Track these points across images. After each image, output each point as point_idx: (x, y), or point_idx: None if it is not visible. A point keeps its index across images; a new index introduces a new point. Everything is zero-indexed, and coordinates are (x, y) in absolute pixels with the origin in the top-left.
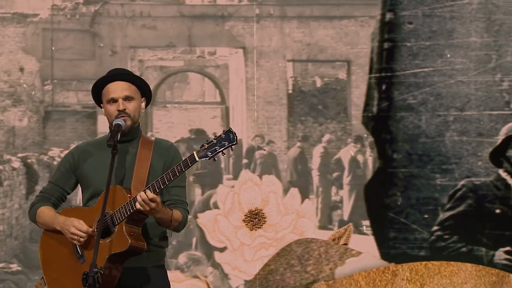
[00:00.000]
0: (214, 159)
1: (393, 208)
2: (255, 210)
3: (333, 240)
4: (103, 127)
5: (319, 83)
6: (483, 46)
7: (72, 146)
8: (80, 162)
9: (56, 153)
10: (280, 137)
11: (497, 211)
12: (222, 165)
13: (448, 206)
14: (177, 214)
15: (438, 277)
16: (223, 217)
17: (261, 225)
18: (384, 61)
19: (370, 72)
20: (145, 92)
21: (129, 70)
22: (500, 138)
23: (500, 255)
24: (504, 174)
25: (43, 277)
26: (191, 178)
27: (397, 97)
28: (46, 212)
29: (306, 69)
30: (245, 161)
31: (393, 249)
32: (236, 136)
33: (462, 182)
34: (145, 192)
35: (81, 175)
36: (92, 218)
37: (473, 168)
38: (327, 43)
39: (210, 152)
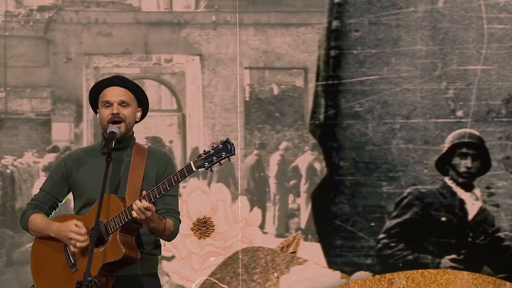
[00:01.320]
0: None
1: (340, 216)
2: (204, 219)
3: (282, 248)
4: (57, 134)
5: (276, 91)
6: (428, 54)
7: (26, 154)
8: (73, 170)
9: (9, 161)
10: (237, 145)
11: (443, 219)
12: None
13: (394, 214)
14: (169, 223)
15: (435, 285)
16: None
17: (210, 234)
18: (330, 68)
19: (317, 79)
20: (142, 102)
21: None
22: (445, 146)
23: (445, 262)
24: (449, 182)
25: (33, 285)
26: None
27: (343, 104)
28: (38, 219)
29: (263, 77)
30: (201, 169)
31: (340, 257)
32: (234, 147)
33: (408, 190)
34: (141, 201)
35: (74, 184)
36: (85, 226)
37: (419, 176)
38: (284, 50)
39: (207, 162)
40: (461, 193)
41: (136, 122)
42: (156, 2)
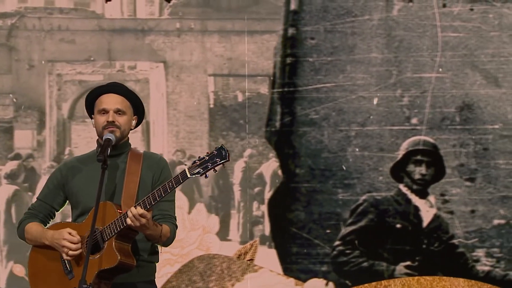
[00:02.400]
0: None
1: (296, 223)
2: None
3: (239, 255)
4: (19, 142)
5: (240, 98)
6: (383, 62)
7: None
8: (69, 178)
9: None
10: (201, 152)
11: (398, 226)
12: None
13: (349, 221)
14: (166, 229)
15: None
16: None
17: None
18: (286, 76)
19: (273, 87)
20: (138, 110)
21: (117, 84)
22: (400, 153)
23: (400, 269)
24: (404, 189)
25: None
26: None
27: (299, 112)
28: (34, 228)
29: (227, 84)
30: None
31: (296, 264)
32: (228, 153)
33: (363, 197)
34: (135, 208)
35: (70, 192)
36: (81, 234)
37: (374, 183)
38: (248, 57)
39: (202, 168)
40: (415, 200)
41: (131, 129)
42: (119, 9)
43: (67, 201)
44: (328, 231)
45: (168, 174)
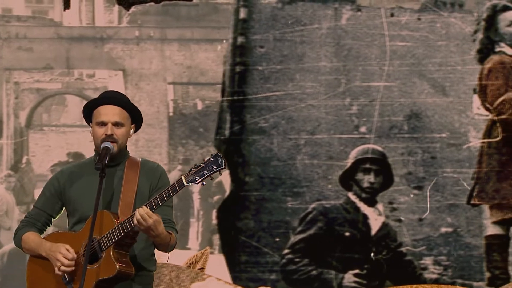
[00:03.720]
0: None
1: (245, 231)
2: None
3: (190, 264)
4: None
5: (200, 106)
6: (332, 70)
7: None
8: (66, 186)
9: None
10: (161, 160)
11: (347, 234)
12: None
13: (299, 229)
14: (173, 236)
15: None
16: None
17: None
18: (236, 84)
19: (222, 95)
20: (136, 119)
21: (122, 93)
22: (349, 161)
23: (349, 277)
24: (353, 197)
25: None
26: None
27: (249, 120)
28: (31, 238)
29: (187, 92)
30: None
31: (245, 273)
32: (225, 161)
33: (312, 205)
34: (142, 209)
35: (67, 200)
36: (79, 243)
37: (323, 191)
38: (208, 66)
39: (198, 176)
40: (364, 208)
41: (129, 137)
42: (78, 17)
43: (64, 208)
44: (277, 239)
45: (166, 182)
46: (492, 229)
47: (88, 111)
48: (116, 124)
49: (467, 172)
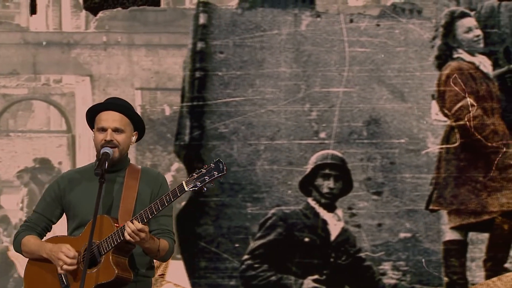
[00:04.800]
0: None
1: (204, 237)
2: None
3: None
4: None
5: (167, 111)
6: (292, 76)
7: None
8: (66, 191)
9: None
10: None
11: (306, 239)
12: None
13: (258, 235)
14: (164, 243)
15: None
16: None
17: None
18: (195, 90)
19: (182, 101)
20: (138, 126)
21: (126, 100)
22: (309, 167)
23: (308, 283)
24: (313, 203)
25: None
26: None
27: (209, 126)
28: (31, 241)
29: (154, 97)
30: (193, 188)
31: (204, 279)
32: (226, 166)
33: (272, 211)
34: (133, 223)
35: (67, 205)
36: (78, 247)
37: (283, 197)
38: (175, 71)
39: (199, 182)
40: (324, 213)
41: (131, 144)
42: (45, 22)
43: (64, 213)
44: (236, 245)
45: (167, 189)
46: (450, 235)
47: (91, 117)
48: (116, 130)
49: (425, 177)
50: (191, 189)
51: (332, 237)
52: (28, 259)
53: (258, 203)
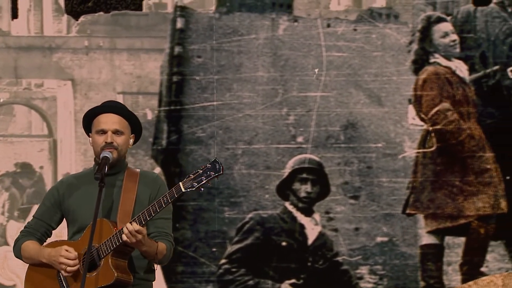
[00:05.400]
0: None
1: (182, 241)
2: None
3: None
4: None
5: (149, 116)
6: (269, 80)
7: None
8: (65, 196)
9: None
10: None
11: (283, 243)
12: None
13: (236, 239)
14: (162, 246)
15: None
16: (12, 254)
17: None
18: (173, 94)
19: (159, 105)
20: (136, 128)
21: (122, 103)
22: (286, 171)
23: (285, 287)
24: (290, 207)
25: None
26: None
27: (186, 130)
28: (30, 246)
29: (136, 102)
30: (190, 189)
31: (181, 283)
32: (222, 166)
33: (250, 215)
34: (131, 224)
35: (67, 210)
36: (78, 251)
37: (260, 201)
38: (157, 75)
39: (196, 182)
40: (301, 218)
41: (129, 147)
42: (26, 26)
43: (64, 219)
44: (214, 249)
45: (165, 191)
46: (427, 239)
47: (88, 121)
48: (116, 132)
49: (402, 181)
50: (188, 190)
51: (310, 241)
52: (28, 264)
53: (235, 208)
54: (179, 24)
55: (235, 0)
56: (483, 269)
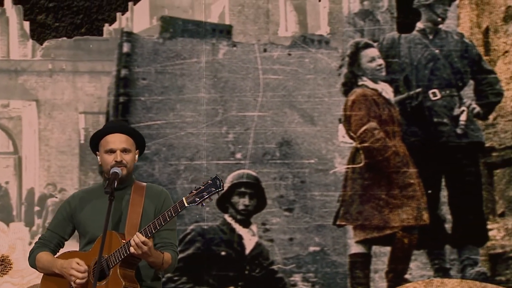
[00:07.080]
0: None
1: None
2: (1, 257)
3: None
4: None
5: None
6: (210, 101)
7: None
8: (77, 210)
9: None
10: (72, 185)
11: (223, 253)
12: (14, 212)
13: (178, 249)
14: (167, 256)
15: None
16: None
17: (7, 271)
18: (120, 113)
19: None
20: (140, 145)
21: (125, 122)
22: (226, 185)
23: None
24: (229, 219)
25: None
26: None
27: None
28: (44, 257)
29: (97, 121)
30: (37, 208)
31: None
32: (223, 183)
33: (191, 227)
34: (137, 237)
35: (78, 223)
36: (88, 262)
37: (201, 214)
38: None
39: (198, 198)
40: (239, 229)
41: (135, 162)
42: None
43: (75, 230)
44: None
45: (169, 205)
46: (356, 248)
47: (96, 141)
48: (124, 151)
49: (333, 195)
50: (191, 205)
51: (247, 251)
52: (43, 274)
53: (178, 220)
54: (125, 48)
55: (178, 26)
56: (407, 276)
